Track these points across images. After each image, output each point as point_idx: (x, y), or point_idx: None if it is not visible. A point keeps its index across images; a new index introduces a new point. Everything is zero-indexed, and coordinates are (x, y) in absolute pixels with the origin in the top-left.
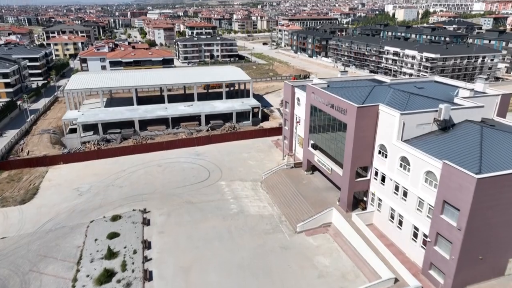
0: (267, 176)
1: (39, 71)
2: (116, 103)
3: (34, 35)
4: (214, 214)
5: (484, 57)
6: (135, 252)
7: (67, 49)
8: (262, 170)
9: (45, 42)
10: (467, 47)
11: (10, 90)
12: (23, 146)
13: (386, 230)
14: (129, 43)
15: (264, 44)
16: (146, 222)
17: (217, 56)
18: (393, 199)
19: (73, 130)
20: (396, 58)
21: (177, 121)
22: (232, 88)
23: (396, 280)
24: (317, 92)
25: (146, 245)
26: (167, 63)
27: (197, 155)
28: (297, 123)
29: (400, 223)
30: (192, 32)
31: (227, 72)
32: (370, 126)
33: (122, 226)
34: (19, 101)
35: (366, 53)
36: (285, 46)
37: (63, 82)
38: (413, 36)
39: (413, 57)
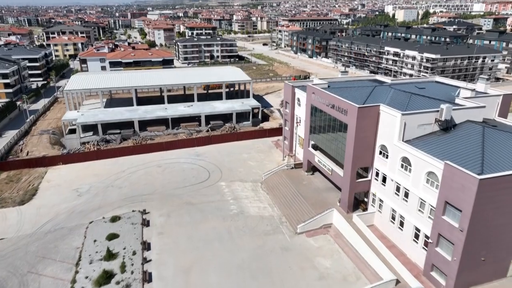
0: (267, 177)
1: (39, 72)
2: (116, 104)
3: (34, 36)
4: (214, 215)
5: (484, 58)
6: (134, 253)
7: (67, 50)
8: (262, 171)
9: (45, 43)
10: (467, 48)
11: (10, 90)
12: (23, 147)
13: (387, 231)
14: (129, 43)
15: (264, 44)
16: (145, 223)
17: (217, 56)
18: (394, 200)
19: (72, 131)
20: (396, 58)
21: (177, 121)
22: (232, 89)
23: (398, 282)
24: (318, 92)
25: (146, 246)
26: (167, 64)
27: (197, 156)
28: (297, 124)
29: (402, 224)
30: (192, 33)
31: (227, 72)
32: (371, 127)
33: (122, 227)
34: (18, 102)
35: (366, 54)
36: (285, 46)
37: (63, 82)
38: (413, 36)
39: (414, 58)
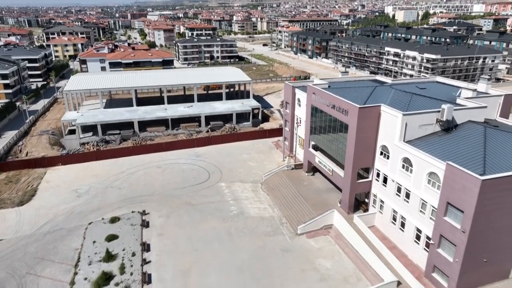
0: (267, 178)
1: (39, 72)
2: (116, 104)
3: (34, 36)
4: (214, 216)
5: (485, 58)
6: (133, 254)
7: (67, 50)
8: (262, 172)
9: (45, 43)
10: (467, 48)
11: (9, 91)
12: (22, 147)
13: (388, 232)
14: (129, 44)
15: (264, 45)
16: (145, 224)
17: (217, 57)
18: (395, 201)
19: (72, 131)
20: (396, 59)
21: (176, 122)
22: (232, 89)
23: (399, 283)
24: (318, 92)
25: (145, 247)
26: (167, 64)
27: (196, 156)
28: (298, 124)
29: (403, 225)
30: (192, 33)
31: (227, 73)
32: (371, 127)
33: (121, 228)
34: (18, 102)
35: (366, 54)
36: (285, 47)
37: (63, 83)
38: (414, 37)
39: (414, 58)
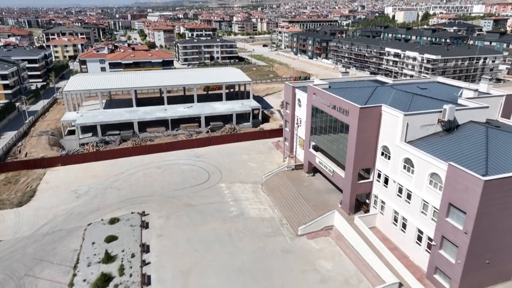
0: (267, 178)
1: (38, 73)
2: (115, 105)
3: (34, 37)
4: (214, 217)
5: (485, 59)
6: (133, 255)
7: (67, 51)
8: (262, 172)
9: (44, 44)
10: (468, 49)
11: (9, 91)
12: (21, 148)
13: (389, 233)
14: (129, 44)
15: (264, 46)
16: (144, 225)
17: (217, 57)
18: (397, 202)
19: (71, 132)
20: (397, 59)
21: (176, 122)
22: (232, 90)
23: (401, 285)
24: (319, 93)
25: (145, 248)
26: (166, 65)
27: (196, 157)
28: (297, 125)
29: (404, 226)
30: (192, 34)
31: (227, 73)
32: (372, 127)
33: (120, 229)
34: (17, 103)
35: (366, 55)
36: (285, 48)
37: (63, 83)
38: (414, 37)
39: (414, 59)
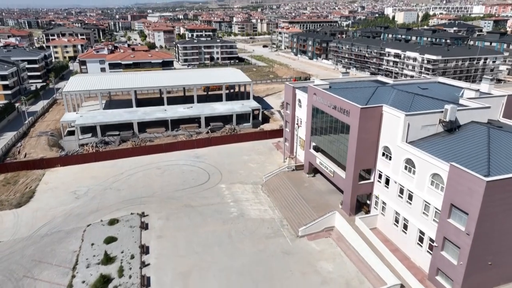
0: (268, 179)
1: (38, 73)
2: (115, 105)
3: (34, 38)
4: (214, 218)
5: (486, 59)
6: (132, 257)
7: (67, 52)
8: (262, 173)
9: (44, 45)
10: (468, 49)
11: (9, 92)
12: (20, 149)
13: (390, 235)
14: (129, 45)
15: (264, 46)
16: (144, 226)
17: (217, 58)
18: (398, 203)
19: (71, 132)
20: (397, 60)
21: (176, 123)
22: (232, 90)
23: (402, 287)
24: (319, 93)
25: (144, 250)
26: (166, 65)
27: (196, 158)
28: (298, 125)
29: (405, 227)
30: (192, 35)
31: (227, 73)
32: (373, 128)
33: (120, 230)
34: (17, 103)
35: (366, 55)
36: (285, 48)
37: (62, 84)
38: (414, 38)
39: (414, 59)
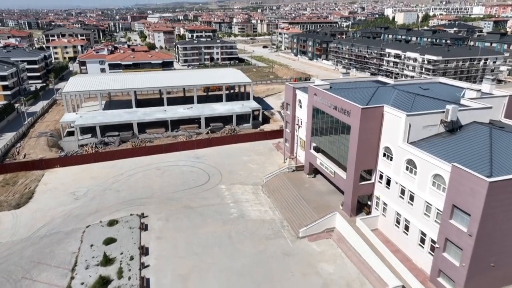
0: (268, 180)
1: (38, 74)
2: (115, 106)
3: (34, 38)
4: (214, 219)
5: (486, 60)
6: (132, 258)
7: (67, 52)
8: (263, 174)
9: (44, 45)
10: (469, 50)
11: (8, 92)
12: (20, 149)
13: (391, 236)
14: (129, 46)
15: (264, 47)
16: (143, 227)
17: (217, 59)
18: (399, 204)
19: (71, 133)
20: (397, 60)
21: (176, 123)
22: (232, 91)
23: None
24: (320, 93)
25: (144, 251)
26: (166, 66)
27: (196, 158)
28: (298, 126)
29: (407, 228)
30: (192, 35)
31: (227, 74)
32: (374, 128)
33: (119, 232)
34: (17, 104)
35: (367, 56)
36: (285, 49)
37: (62, 85)
38: (414, 38)
39: (415, 60)
